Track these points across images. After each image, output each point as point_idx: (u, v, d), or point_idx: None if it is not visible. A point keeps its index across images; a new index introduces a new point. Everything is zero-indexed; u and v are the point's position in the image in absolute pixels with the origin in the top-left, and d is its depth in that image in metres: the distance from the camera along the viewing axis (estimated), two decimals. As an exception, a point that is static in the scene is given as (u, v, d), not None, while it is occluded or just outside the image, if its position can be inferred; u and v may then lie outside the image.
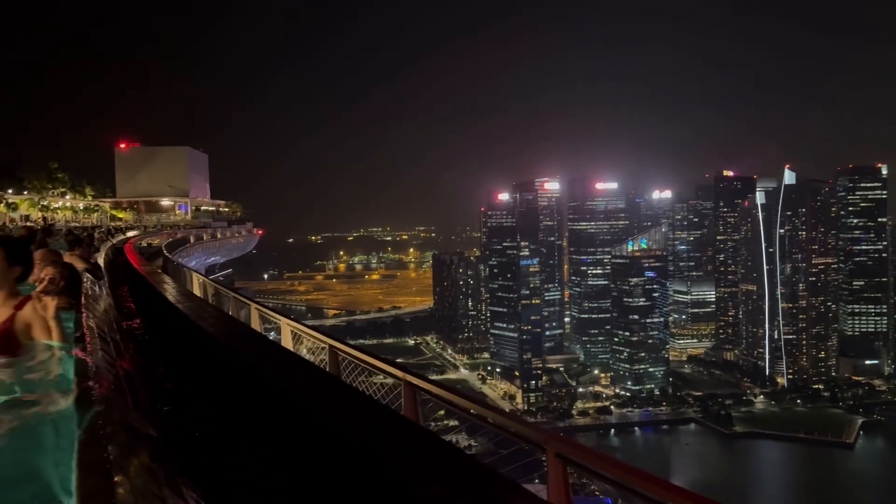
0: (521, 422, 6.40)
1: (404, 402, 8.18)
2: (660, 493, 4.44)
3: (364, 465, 3.96)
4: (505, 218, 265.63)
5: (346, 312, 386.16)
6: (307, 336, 13.24)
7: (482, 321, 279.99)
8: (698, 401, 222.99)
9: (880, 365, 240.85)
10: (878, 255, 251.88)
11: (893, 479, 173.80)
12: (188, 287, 26.22)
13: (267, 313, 17.48)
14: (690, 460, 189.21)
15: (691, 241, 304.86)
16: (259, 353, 7.09)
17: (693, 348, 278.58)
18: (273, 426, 5.35)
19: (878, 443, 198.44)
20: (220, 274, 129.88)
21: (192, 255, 77.26)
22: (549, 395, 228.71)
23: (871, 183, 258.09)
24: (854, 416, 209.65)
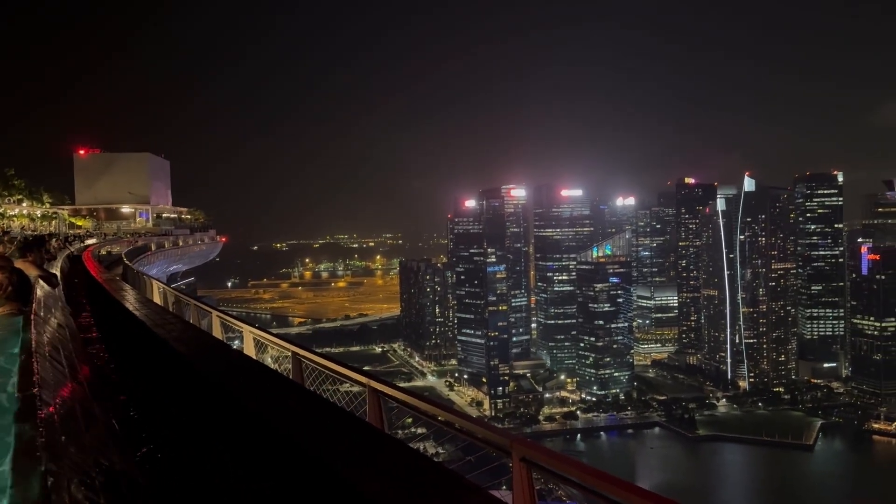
0: (486, 426, 6.34)
1: (369, 409, 8.08)
2: (624, 496, 4.36)
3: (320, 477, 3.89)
4: (472, 225, 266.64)
5: (312, 320, 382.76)
6: (270, 344, 13.04)
7: (449, 328, 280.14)
8: (662, 405, 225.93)
9: (838, 368, 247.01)
10: (835, 261, 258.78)
11: (851, 479, 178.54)
12: (148, 295, 25.68)
13: (229, 321, 17.18)
14: (655, 463, 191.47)
15: (654, 247, 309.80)
16: (218, 362, 6.93)
17: (657, 353, 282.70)
18: (223, 439, 5.19)
19: (836, 444, 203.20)
20: (182, 282, 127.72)
21: (154, 263, 75.80)
22: (517, 401, 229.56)
23: (828, 190, 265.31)
24: (813, 419, 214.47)
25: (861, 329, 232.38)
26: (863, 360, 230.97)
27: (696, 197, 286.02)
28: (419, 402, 7.42)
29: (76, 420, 3.17)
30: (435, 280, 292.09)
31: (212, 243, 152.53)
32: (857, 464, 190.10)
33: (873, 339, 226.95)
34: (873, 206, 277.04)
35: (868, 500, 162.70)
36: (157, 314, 11.20)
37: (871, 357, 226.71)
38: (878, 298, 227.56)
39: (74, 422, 3.10)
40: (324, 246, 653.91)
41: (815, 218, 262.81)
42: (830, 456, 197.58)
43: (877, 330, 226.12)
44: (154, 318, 10.20)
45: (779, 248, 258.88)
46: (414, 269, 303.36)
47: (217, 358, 7.23)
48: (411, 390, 8.34)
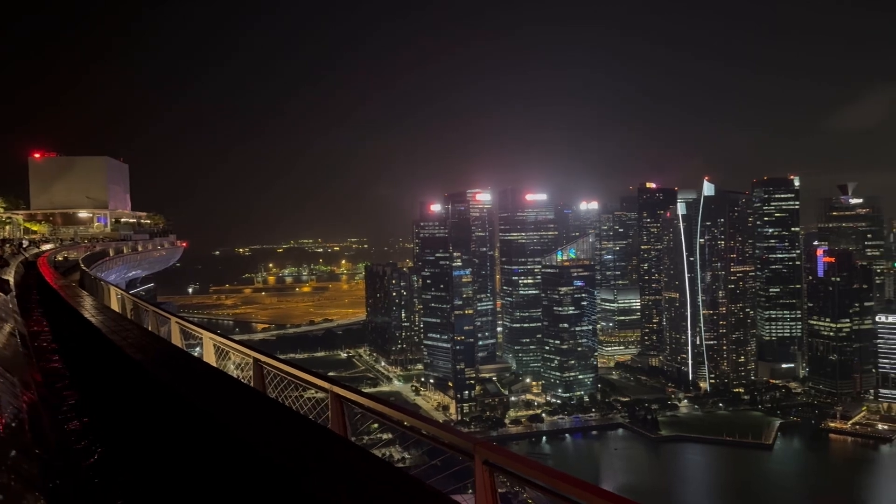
0: (449, 430, 6.33)
1: (331, 415, 7.99)
2: (586, 498, 4.36)
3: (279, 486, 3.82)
4: (437, 229, 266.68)
5: (276, 326, 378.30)
6: (232, 350, 12.82)
7: (416, 332, 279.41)
8: (626, 406, 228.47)
9: (796, 368, 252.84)
10: (792, 263, 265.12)
11: (809, 477, 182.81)
12: (106, 302, 25.11)
13: (189, 328, 16.85)
14: (619, 465, 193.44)
15: (617, 250, 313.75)
16: (175, 370, 6.81)
17: (620, 355, 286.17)
18: (175, 443, 5.07)
19: (794, 443, 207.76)
20: (141, 288, 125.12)
21: (112, 268, 74.03)
22: (483, 405, 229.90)
23: (784, 194, 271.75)
24: (772, 418, 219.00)
25: (817, 330, 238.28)
26: (819, 360, 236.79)
27: (658, 201, 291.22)
28: (383, 408, 7.38)
29: (24, 431, 3.07)
30: (401, 284, 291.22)
31: (172, 248, 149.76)
32: (814, 462, 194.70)
33: (829, 339, 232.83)
34: (828, 210, 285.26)
35: (826, 497, 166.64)
36: (113, 321, 10.96)
37: (828, 357, 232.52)
38: (833, 300, 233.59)
39: (23, 433, 3.00)
40: (288, 250, 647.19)
41: (773, 222, 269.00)
42: (789, 455, 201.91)
43: (832, 331, 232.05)
44: (110, 325, 9.98)
45: (737, 252, 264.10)
46: (380, 273, 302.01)
47: (173, 364, 7.10)
48: (375, 396, 8.28)
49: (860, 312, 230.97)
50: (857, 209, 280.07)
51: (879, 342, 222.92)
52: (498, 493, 5.55)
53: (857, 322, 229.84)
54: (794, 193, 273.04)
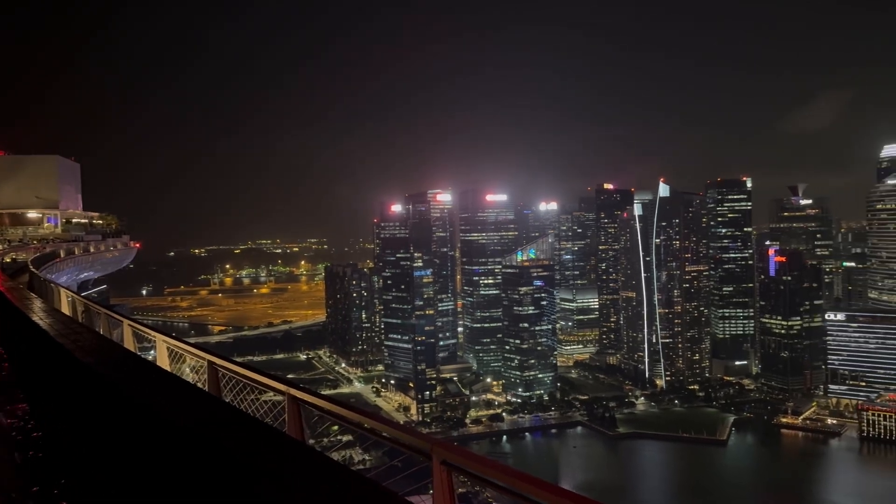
0: (407, 431, 6.30)
1: (288, 418, 7.86)
2: (544, 497, 4.42)
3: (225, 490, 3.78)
4: (398, 229, 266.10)
5: (233, 328, 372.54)
6: (186, 353, 12.56)
7: (376, 333, 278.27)
8: (584, 404, 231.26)
9: (748, 365, 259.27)
10: (745, 263, 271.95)
11: (762, 472, 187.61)
12: (56, 305, 24.39)
13: (142, 330, 16.45)
14: (578, 462, 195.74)
15: (576, 250, 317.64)
16: (126, 375, 6.64)
17: (579, 354, 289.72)
18: (119, 445, 4.91)
19: (748, 439, 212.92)
20: (93, 290, 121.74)
21: (63, 270, 71.85)
22: (443, 405, 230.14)
23: (737, 195, 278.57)
24: (726, 415, 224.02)
25: (769, 328, 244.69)
26: (771, 357, 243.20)
27: (615, 202, 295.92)
28: (341, 410, 7.30)
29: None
30: (361, 285, 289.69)
31: (125, 249, 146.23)
32: (767, 457, 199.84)
33: (780, 337, 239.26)
34: (779, 211, 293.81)
35: (778, 491, 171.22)
36: (63, 324, 10.65)
37: (779, 354, 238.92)
38: (784, 298, 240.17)
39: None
40: (245, 251, 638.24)
41: (726, 222, 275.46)
42: (743, 450, 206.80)
43: (783, 328, 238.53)
44: (59, 329, 9.70)
45: (692, 251, 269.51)
46: (340, 274, 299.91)
47: (124, 367, 6.93)
48: (333, 397, 8.20)
49: (810, 310, 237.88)
50: (807, 210, 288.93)
51: (828, 339, 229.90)
52: (456, 493, 5.55)
53: (807, 320, 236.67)
54: (747, 194, 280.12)
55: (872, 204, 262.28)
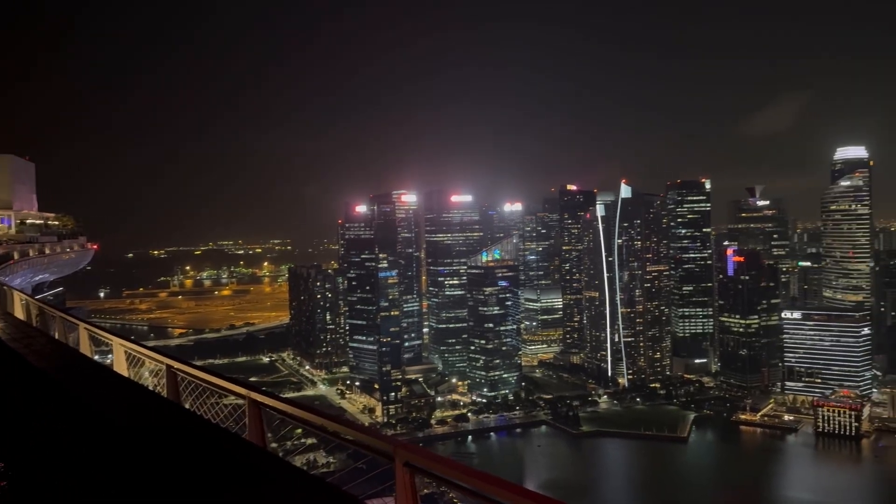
0: (369, 433, 6.27)
1: (249, 422, 7.75)
2: (507, 497, 4.43)
3: None
4: (363, 230, 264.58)
5: (193, 331, 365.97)
6: (143, 357, 12.29)
7: (341, 335, 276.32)
8: (548, 404, 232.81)
9: (708, 363, 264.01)
10: (704, 263, 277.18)
11: (721, 468, 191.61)
12: (9, 309, 23.69)
13: (99, 334, 16.05)
14: (543, 461, 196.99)
15: (540, 251, 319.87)
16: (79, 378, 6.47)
17: (543, 353, 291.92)
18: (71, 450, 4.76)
19: (708, 435, 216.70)
20: (49, 293, 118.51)
21: (17, 272, 69.76)
22: (409, 406, 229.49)
23: (696, 196, 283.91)
24: (687, 412, 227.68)
25: (728, 326, 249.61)
26: (730, 355, 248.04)
27: (578, 203, 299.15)
28: (302, 413, 7.23)
29: None
30: (326, 286, 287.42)
31: (82, 251, 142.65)
32: (727, 453, 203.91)
33: (739, 335, 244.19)
34: (737, 212, 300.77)
35: (738, 486, 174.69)
36: (16, 328, 10.35)
37: (738, 353, 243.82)
38: (742, 298, 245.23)
39: None
40: (206, 253, 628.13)
41: (686, 223, 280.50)
42: (703, 447, 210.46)
43: (742, 327, 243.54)
44: (12, 333, 9.42)
45: (653, 252, 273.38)
46: (304, 275, 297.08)
47: (77, 372, 6.75)
48: (295, 400, 8.12)
49: (767, 309, 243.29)
50: (764, 211, 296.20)
51: (785, 337, 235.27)
52: (419, 494, 5.53)
53: (764, 318, 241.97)
54: (706, 196, 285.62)
55: (826, 205, 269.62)
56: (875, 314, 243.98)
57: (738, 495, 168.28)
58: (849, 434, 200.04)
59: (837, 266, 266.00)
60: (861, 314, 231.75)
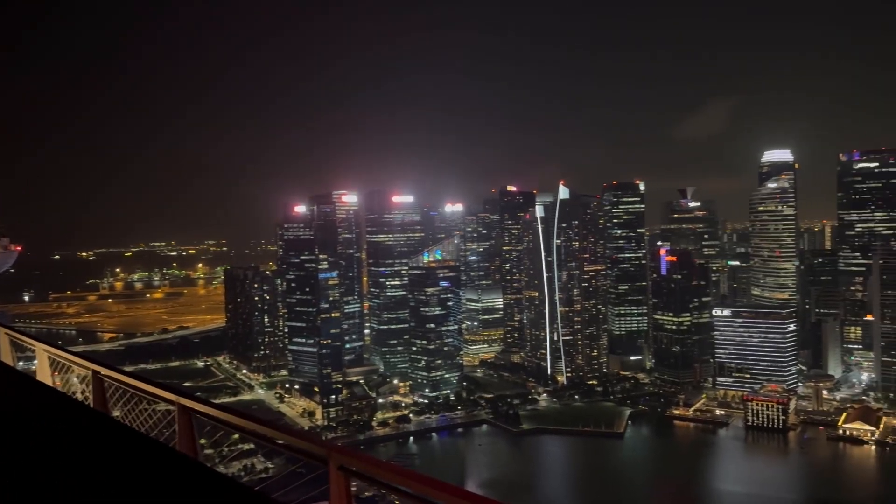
0: (303, 437, 6.14)
1: (179, 428, 7.51)
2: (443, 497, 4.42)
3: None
4: (302, 231, 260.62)
5: (124, 335, 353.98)
6: (68, 362, 11.77)
7: (279, 337, 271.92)
8: (489, 403, 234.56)
9: (643, 360, 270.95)
10: (638, 262, 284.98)
11: (656, 462, 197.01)
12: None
13: (20, 339, 15.31)
14: (483, 460, 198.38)
15: (481, 251, 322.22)
16: None
17: (484, 353, 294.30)
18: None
19: (643, 431, 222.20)
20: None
21: (-70, 276, 66.14)
22: (350, 409, 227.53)
23: (631, 198, 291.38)
24: (623, 408, 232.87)
25: (661, 324, 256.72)
26: (664, 352, 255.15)
27: (518, 204, 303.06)
28: (235, 419, 7.05)
29: None
30: (263, 288, 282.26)
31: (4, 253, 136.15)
32: (661, 447, 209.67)
33: (672, 333, 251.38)
34: (670, 213, 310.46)
35: (672, 479, 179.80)
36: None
37: (671, 349, 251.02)
38: (675, 296, 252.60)
39: None
40: (137, 254, 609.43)
41: (621, 223, 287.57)
42: (639, 442, 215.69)
43: (674, 325, 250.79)
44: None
45: (590, 252, 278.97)
46: (240, 277, 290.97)
47: None
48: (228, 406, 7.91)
49: (699, 307, 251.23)
50: (695, 212, 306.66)
51: (715, 334, 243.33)
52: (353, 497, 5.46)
53: (696, 316, 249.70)
54: (640, 197, 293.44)
55: (755, 206, 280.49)
56: (800, 311, 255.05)
57: (672, 488, 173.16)
58: (776, 427, 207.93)
59: (765, 265, 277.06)
60: (787, 311, 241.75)
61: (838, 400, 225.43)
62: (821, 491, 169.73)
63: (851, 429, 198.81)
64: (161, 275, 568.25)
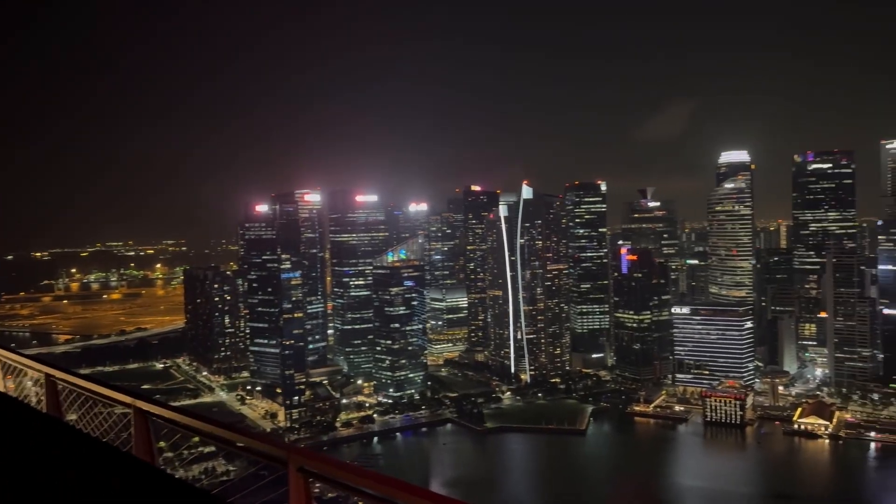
0: (262, 439, 6.08)
1: (135, 432, 7.37)
2: (403, 497, 4.43)
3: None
4: (264, 230, 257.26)
5: (81, 337, 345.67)
6: (20, 366, 11.46)
7: (241, 338, 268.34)
8: (454, 402, 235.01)
9: (604, 358, 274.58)
10: (600, 261, 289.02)
11: (618, 458, 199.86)
12: None
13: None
14: (448, 459, 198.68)
15: (445, 251, 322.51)
16: None
17: (449, 352, 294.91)
18: None
19: (604, 427, 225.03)
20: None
21: None
22: (313, 410, 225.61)
23: (593, 198, 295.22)
24: (585, 405, 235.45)
25: (623, 322, 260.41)
26: (625, 349, 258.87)
27: (482, 203, 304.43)
28: (193, 421, 6.93)
29: None
30: (224, 288, 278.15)
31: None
32: (622, 443, 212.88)
33: (633, 330, 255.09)
34: (630, 212, 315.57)
35: (633, 474, 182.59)
36: None
37: (632, 347, 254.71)
38: (635, 294, 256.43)
39: None
40: (94, 254, 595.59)
41: (583, 223, 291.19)
42: (600, 438, 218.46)
43: (635, 322, 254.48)
44: None
45: (553, 251, 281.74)
46: (200, 277, 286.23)
47: None
48: (186, 408, 7.80)
49: (658, 305, 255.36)
50: (655, 211, 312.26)
51: (675, 332, 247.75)
52: (314, 500, 5.44)
53: (656, 314, 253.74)
54: (602, 197, 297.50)
55: (712, 206, 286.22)
56: (756, 309, 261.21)
57: (633, 484, 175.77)
58: (734, 422, 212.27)
59: (722, 264, 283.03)
60: (744, 309, 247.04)
61: (794, 395, 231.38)
62: (777, 484, 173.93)
63: (806, 423, 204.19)
64: (118, 275, 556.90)
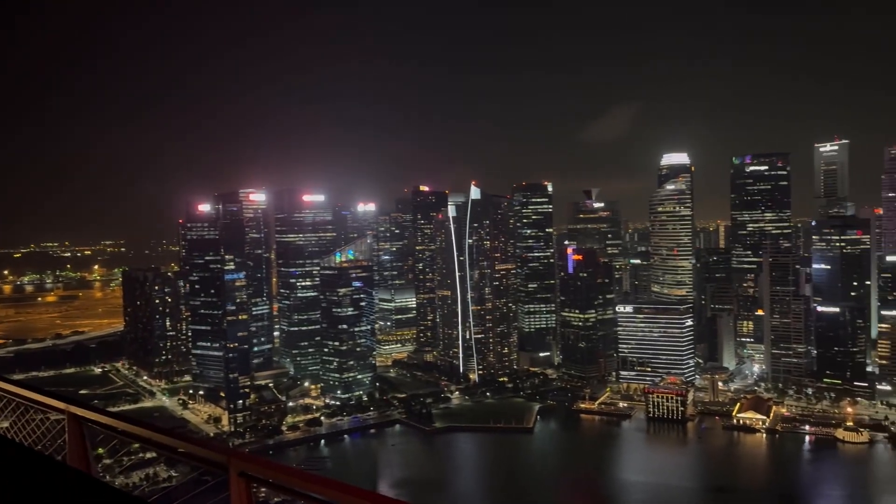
0: (201, 443, 5.95)
1: (69, 439, 7.12)
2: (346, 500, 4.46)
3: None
4: (207, 230, 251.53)
5: (13, 341, 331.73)
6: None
7: (183, 341, 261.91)
8: (402, 402, 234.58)
9: (551, 356, 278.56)
10: (547, 261, 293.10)
11: (564, 454, 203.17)
12: None
13: None
14: (396, 460, 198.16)
15: (394, 251, 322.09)
16: None
17: (397, 353, 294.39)
18: None
19: (551, 425, 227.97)
20: None
21: None
22: (258, 413, 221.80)
23: (540, 198, 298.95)
24: (532, 404, 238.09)
25: (568, 321, 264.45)
26: (570, 348, 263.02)
27: (430, 204, 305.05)
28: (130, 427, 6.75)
29: None
30: (165, 290, 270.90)
31: None
32: (569, 440, 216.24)
33: (578, 329, 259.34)
34: (576, 213, 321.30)
35: (579, 470, 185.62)
36: None
37: (577, 345, 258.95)
38: (581, 293, 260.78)
39: None
40: (27, 255, 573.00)
41: (530, 223, 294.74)
42: (547, 435, 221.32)
43: (581, 321, 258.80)
44: None
45: (501, 251, 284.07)
46: (140, 279, 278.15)
47: None
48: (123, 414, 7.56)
49: (603, 304, 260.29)
50: (600, 212, 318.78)
51: (618, 330, 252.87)
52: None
53: (600, 312, 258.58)
54: (548, 198, 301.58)
55: (654, 207, 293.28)
56: (697, 307, 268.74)
57: (579, 479, 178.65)
58: (676, 418, 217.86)
59: (664, 263, 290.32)
60: (685, 307, 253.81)
61: (732, 391, 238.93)
62: (717, 478, 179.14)
63: (744, 418, 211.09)
64: (54, 277, 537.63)
